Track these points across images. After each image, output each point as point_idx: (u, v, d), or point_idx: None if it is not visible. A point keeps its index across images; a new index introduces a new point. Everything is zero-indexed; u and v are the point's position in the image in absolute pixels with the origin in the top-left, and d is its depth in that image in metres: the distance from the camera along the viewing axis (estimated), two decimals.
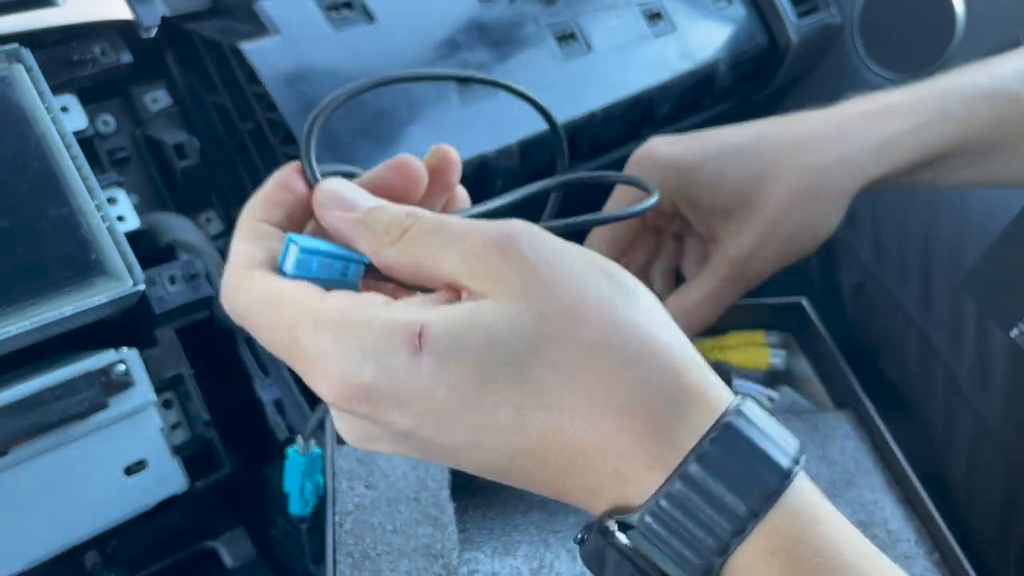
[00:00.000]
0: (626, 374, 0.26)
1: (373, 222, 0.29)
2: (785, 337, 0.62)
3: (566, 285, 0.26)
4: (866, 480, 0.52)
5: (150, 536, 0.59)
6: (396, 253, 0.28)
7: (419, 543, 0.43)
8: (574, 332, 0.26)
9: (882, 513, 0.50)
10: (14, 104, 0.52)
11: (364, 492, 0.46)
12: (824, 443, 0.54)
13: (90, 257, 0.51)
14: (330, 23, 0.64)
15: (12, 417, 0.48)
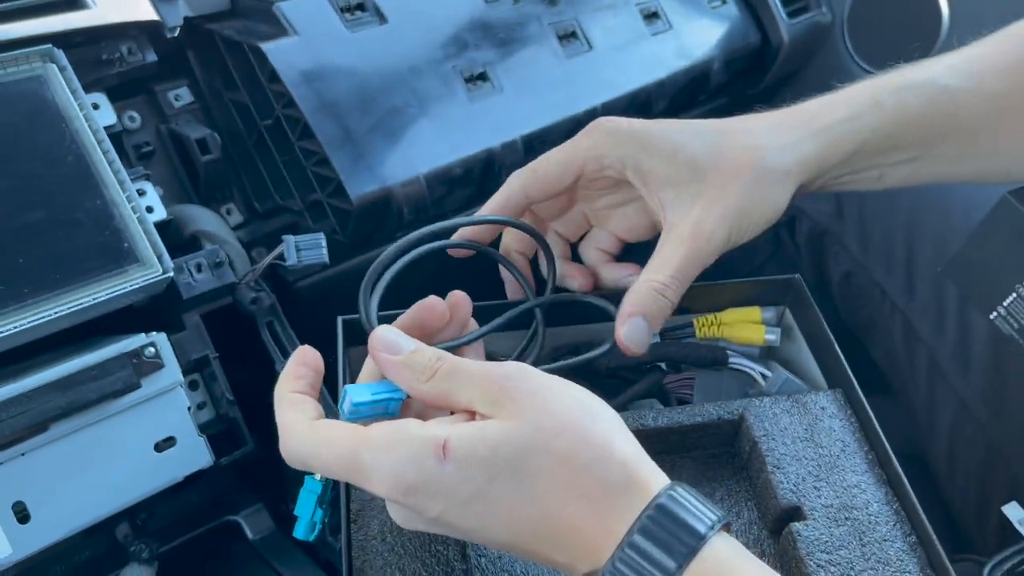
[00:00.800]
0: (591, 473, 0.36)
1: (412, 363, 0.40)
2: (781, 311, 0.64)
3: (546, 410, 0.37)
4: (850, 463, 0.53)
5: (177, 509, 0.62)
6: (427, 388, 0.39)
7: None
8: (554, 444, 0.36)
9: (864, 496, 0.52)
10: (49, 101, 0.55)
11: None
12: (811, 425, 0.55)
13: (122, 246, 0.55)
14: (345, 24, 0.67)
15: (52, 395, 0.51)
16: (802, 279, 0.62)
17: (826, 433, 0.55)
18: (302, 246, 0.60)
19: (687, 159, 0.50)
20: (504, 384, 0.37)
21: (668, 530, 0.35)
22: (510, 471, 0.36)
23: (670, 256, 0.50)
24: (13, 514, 0.50)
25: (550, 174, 0.53)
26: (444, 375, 0.39)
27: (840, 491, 0.52)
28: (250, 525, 0.66)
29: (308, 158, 0.64)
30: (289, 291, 0.67)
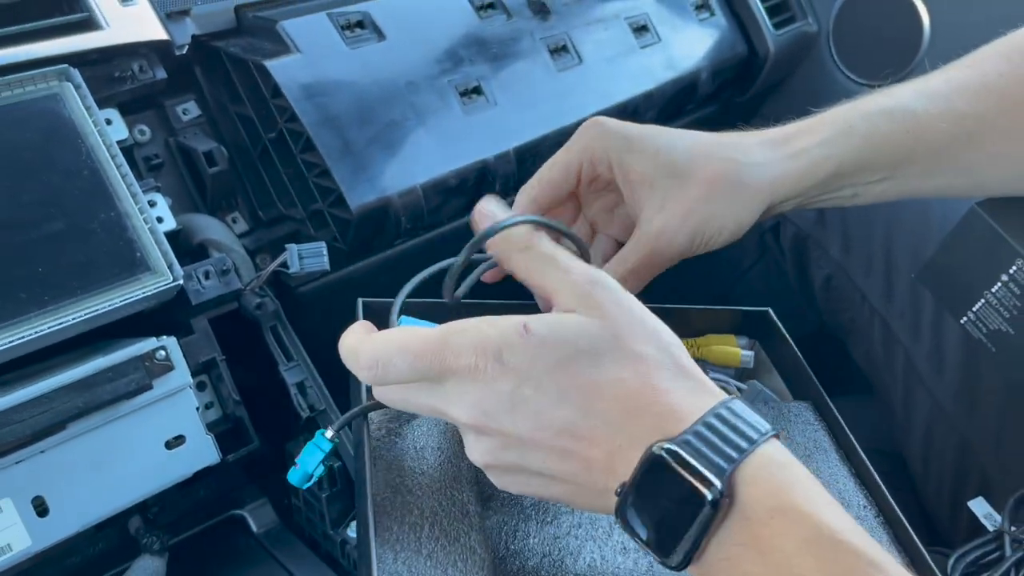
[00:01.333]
0: (665, 372, 0.39)
1: (509, 233, 0.44)
2: (753, 341, 0.68)
3: (630, 318, 0.40)
4: (823, 457, 0.57)
5: (186, 504, 0.65)
6: (519, 259, 0.44)
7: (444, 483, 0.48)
8: (633, 345, 0.39)
9: (836, 485, 0.55)
10: (66, 118, 0.58)
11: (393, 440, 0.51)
12: (788, 426, 0.59)
13: (135, 255, 0.57)
14: (345, 41, 0.70)
15: (70, 396, 0.54)
16: (772, 312, 0.65)
17: (800, 433, 0.59)
18: (304, 254, 0.63)
19: (667, 161, 0.53)
20: (592, 287, 0.41)
21: (729, 429, 0.37)
22: (589, 358, 0.38)
23: (631, 253, 0.53)
24: (33, 508, 0.53)
25: (554, 179, 0.56)
26: (538, 255, 0.43)
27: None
28: (255, 519, 0.68)
29: (310, 170, 0.67)
30: (292, 296, 0.70)
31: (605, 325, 0.39)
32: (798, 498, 0.35)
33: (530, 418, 0.39)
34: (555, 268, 0.42)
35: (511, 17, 0.80)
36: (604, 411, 0.38)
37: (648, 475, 0.36)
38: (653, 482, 0.36)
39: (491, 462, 0.41)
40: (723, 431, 0.37)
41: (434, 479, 0.50)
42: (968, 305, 0.69)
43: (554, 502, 0.46)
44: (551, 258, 0.43)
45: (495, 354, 0.38)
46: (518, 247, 0.43)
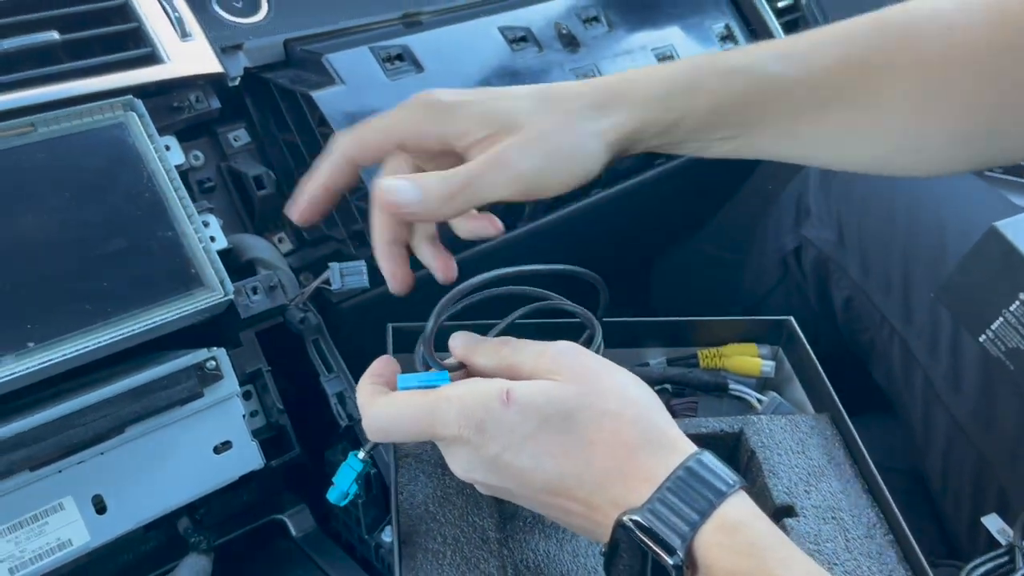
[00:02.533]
0: (635, 428, 0.42)
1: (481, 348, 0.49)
2: (775, 349, 0.70)
3: (597, 378, 0.44)
4: (836, 473, 0.59)
5: (230, 507, 0.68)
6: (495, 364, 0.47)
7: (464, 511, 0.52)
8: (602, 403, 0.43)
9: (848, 500, 0.57)
10: (130, 145, 0.62)
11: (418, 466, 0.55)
12: (803, 440, 0.61)
13: (190, 272, 0.61)
14: (386, 73, 0.74)
15: (129, 401, 0.58)
16: (794, 321, 0.67)
17: (815, 448, 0.60)
18: (346, 272, 0.66)
19: (505, 121, 0.50)
20: (559, 357, 0.45)
21: (695, 487, 0.40)
22: (562, 419, 0.42)
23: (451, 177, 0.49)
24: (92, 505, 0.57)
25: (372, 142, 0.53)
26: (509, 353, 0.47)
27: (827, 495, 0.57)
28: (294, 524, 0.71)
29: (352, 192, 0.71)
30: (333, 311, 0.73)
31: (579, 388, 0.43)
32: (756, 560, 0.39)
33: (513, 477, 0.43)
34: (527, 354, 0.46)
35: (542, 50, 0.83)
36: (578, 473, 0.42)
37: (619, 544, 0.41)
38: (623, 550, 0.41)
39: (487, 494, 0.48)
40: (690, 489, 0.40)
41: (456, 504, 0.53)
42: (987, 323, 0.70)
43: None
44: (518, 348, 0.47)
45: (478, 425, 0.42)
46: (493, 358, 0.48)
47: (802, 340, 0.66)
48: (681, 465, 0.41)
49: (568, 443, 0.42)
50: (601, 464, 0.42)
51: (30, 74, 0.62)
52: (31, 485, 0.55)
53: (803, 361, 0.66)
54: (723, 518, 0.40)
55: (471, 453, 0.44)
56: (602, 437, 0.42)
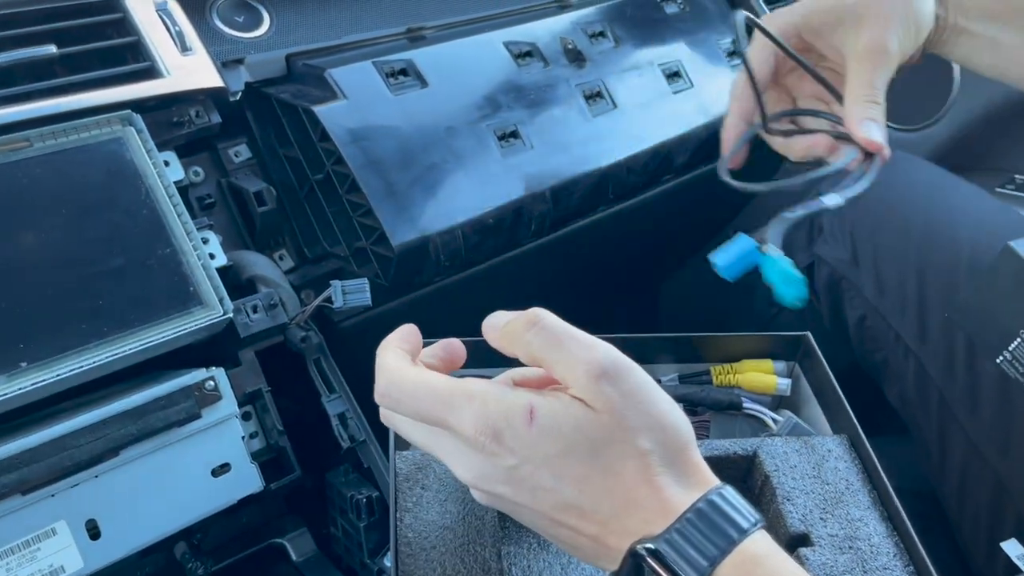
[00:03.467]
0: (667, 472, 0.40)
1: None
2: (791, 366, 0.68)
3: (636, 411, 0.40)
4: (854, 499, 0.57)
5: (229, 531, 0.67)
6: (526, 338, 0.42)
7: (466, 538, 0.51)
8: (637, 440, 0.40)
9: (866, 529, 0.55)
10: (128, 160, 0.61)
11: (420, 492, 0.54)
12: (819, 464, 0.59)
13: (188, 290, 0.60)
14: (389, 88, 0.73)
15: (124, 423, 0.56)
16: (811, 336, 0.66)
17: (832, 472, 0.58)
18: (348, 290, 0.65)
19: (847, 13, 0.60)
20: (600, 382, 0.40)
21: (716, 521, 0.38)
22: (588, 449, 0.39)
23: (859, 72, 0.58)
24: (86, 531, 0.55)
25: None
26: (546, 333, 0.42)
27: (844, 523, 0.55)
28: (295, 548, 0.70)
29: (355, 210, 0.69)
30: (335, 330, 0.72)
31: (611, 420, 0.40)
32: None
33: (527, 492, 0.40)
34: (563, 351, 0.41)
35: (548, 65, 0.83)
36: (597, 500, 0.40)
37: (629, 574, 0.38)
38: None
39: (486, 503, 0.43)
40: (709, 523, 0.38)
41: (457, 534, 0.51)
42: (1003, 344, 0.69)
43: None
44: (558, 339, 0.41)
45: (496, 434, 0.39)
46: (524, 326, 0.42)
47: (819, 357, 0.64)
48: (702, 498, 0.39)
49: (591, 471, 0.40)
50: (622, 494, 0.39)
51: (26, 88, 0.61)
52: (23, 509, 0.53)
53: (820, 379, 0.64)
54: (743, 554, 0.38)
55: (484, 460, 0.40)
56: (627, 470, 0.39)
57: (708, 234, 1.23)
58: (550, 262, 0.87)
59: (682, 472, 0.40)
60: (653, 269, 1.25)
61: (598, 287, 1.10)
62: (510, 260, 0.80)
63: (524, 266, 0.83)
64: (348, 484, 0.66)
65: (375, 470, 0.65)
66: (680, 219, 1.08)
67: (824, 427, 0.65)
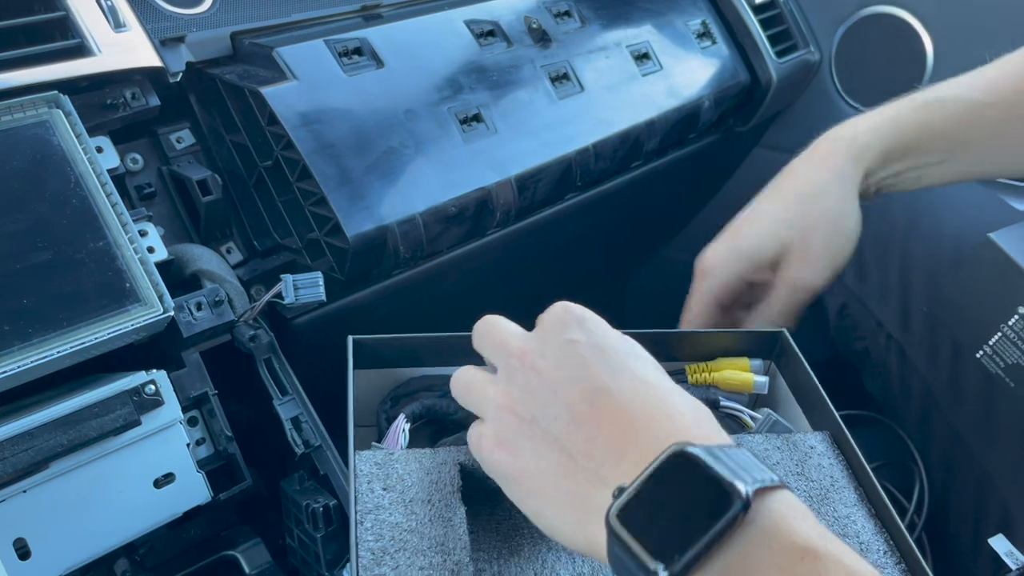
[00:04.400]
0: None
1: None
2: (767, 363, 0.66)
3: None
4: (840, 496, 0.54)
5: (175, 544, 0.63)
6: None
7: (433, 541, 0.47)
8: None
9: (855, 526, 0.52)
10: (55, 146, 0.57)
11: (382, 493, 0.50)
12: (802, 461, 0.56)
13: (125, 286, 0.56)
14: (343, 68, 0.69)
15: (53, 433, 0.52)
16: (788, 333, 0.64)
17: (815, 469, 0.56)
18: (300, 284, 0.61)
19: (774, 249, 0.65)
20: None
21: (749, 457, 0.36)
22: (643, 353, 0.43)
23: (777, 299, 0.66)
24: (14, 551, 0.51)
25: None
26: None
27: (832, 521, 0.53)
28: (247, 560, 0.66)
29: (306, 198, 0.65)
30: (287, 328, 0.68)
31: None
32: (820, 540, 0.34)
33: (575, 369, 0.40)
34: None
35: (511, 45, 0.79)
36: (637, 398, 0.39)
37: (667, 470, 0.35)
38: (672, 479, 0.34)
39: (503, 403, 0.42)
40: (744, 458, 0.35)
41: (423, 536, 0.47)
42: (984, 339, 0.67)
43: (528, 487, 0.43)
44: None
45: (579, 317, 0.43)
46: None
47: (797, 354, 0.62)
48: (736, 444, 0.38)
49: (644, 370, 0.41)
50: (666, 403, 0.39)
51: None
52: None
53: (798, 376, 0.62)
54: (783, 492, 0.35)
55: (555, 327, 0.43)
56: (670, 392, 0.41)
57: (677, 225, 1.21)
58: (516, 253, 0.83)
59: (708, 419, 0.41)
60: (622, 260, 1.23)
61: (565, 279, 1.07)
62: (473, 251, 0.76)
63: (488, 257, 0.80)
64: (303, 492, 0.62)
65: (332, 477, 0.62)
66: (649, 208, 1.06)
67: (803, 424, 0.63)
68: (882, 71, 1.02)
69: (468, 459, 0.50)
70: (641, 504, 0.34)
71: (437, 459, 0.50)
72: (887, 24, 1.01)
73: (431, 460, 0.50)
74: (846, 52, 1.04)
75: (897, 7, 1.00)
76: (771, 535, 0.33)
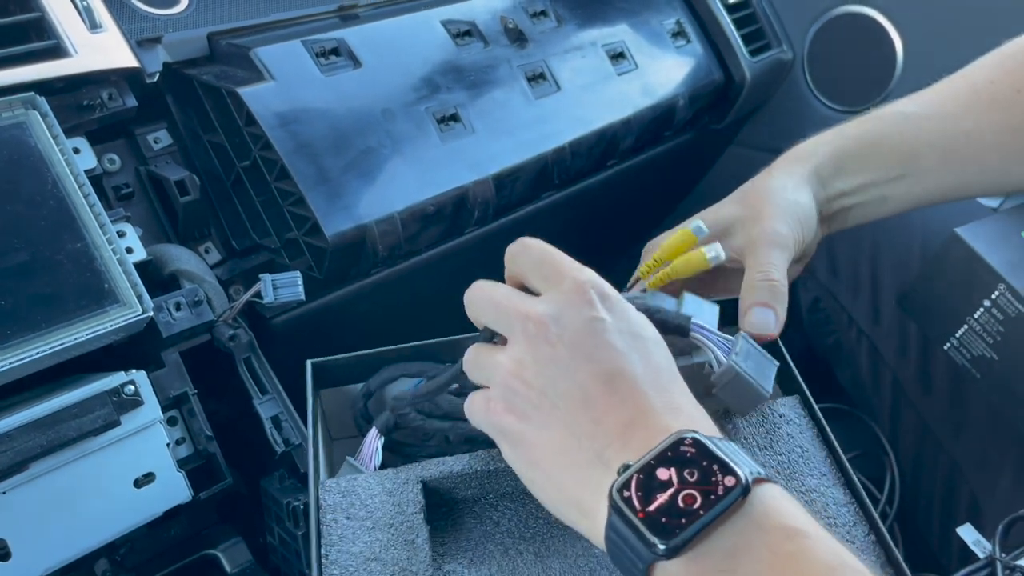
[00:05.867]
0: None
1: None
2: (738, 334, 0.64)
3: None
4: (808, 467, 0.54)
5: (156, 544, 0.63)
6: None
7: (396, 567, 0.47)
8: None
9: (823, 499, 0.53)
10: (31, 147, 0.57)
11: (346, 523, 0.50)
12: (771, 432, 0.56)
13: (103, 287, 0.56)
14: (320, 68, 0.69)
15: (32, 434, 0.52)
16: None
17: (784, 440, 0.56)
18: (279, 284, 0.61)
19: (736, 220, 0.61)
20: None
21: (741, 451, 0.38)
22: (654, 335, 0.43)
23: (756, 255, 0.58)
24: None
25: None
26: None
27: (801, 494, 0.53)
28: (228, 559, 0.66)
29: (285, 198, 0.65)
30: (266, 327, 0.69)
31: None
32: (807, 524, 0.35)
33: (591, 349, 0.41)
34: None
35: (488, 45, 0.79)
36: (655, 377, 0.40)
37: (672, 452, 0.36)
38: (675, 461, 0.36)
39: (512, 370, 0.42)
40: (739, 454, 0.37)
41: (386, 563, 0.48)
42: (951, 331, 0.68)
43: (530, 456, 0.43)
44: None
45: (600, 291, 0.43)
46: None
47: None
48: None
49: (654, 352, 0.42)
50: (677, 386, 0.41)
51: None
52: None
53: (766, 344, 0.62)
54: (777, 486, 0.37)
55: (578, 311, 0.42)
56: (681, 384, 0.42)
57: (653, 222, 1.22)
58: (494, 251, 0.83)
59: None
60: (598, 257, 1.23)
61: None
62: (452, 250, 0.77)
63: (467, 256, 0.80)
64: (284, 490, 0.63)
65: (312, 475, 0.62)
66: (625, 206, 1.06)
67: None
68: (854, 69, 1.04)
69: (429, 474, 0.51)
70: (644, 482, 0.36)
71: (399, 479, 0.50)
72: (858, 23, 1.02)
73: (393, 481, 0.50)
74: (818, 51, 1.05)
75: (868, 7, 1.01)
76: (763, 517, 0.35)
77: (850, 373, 0.83)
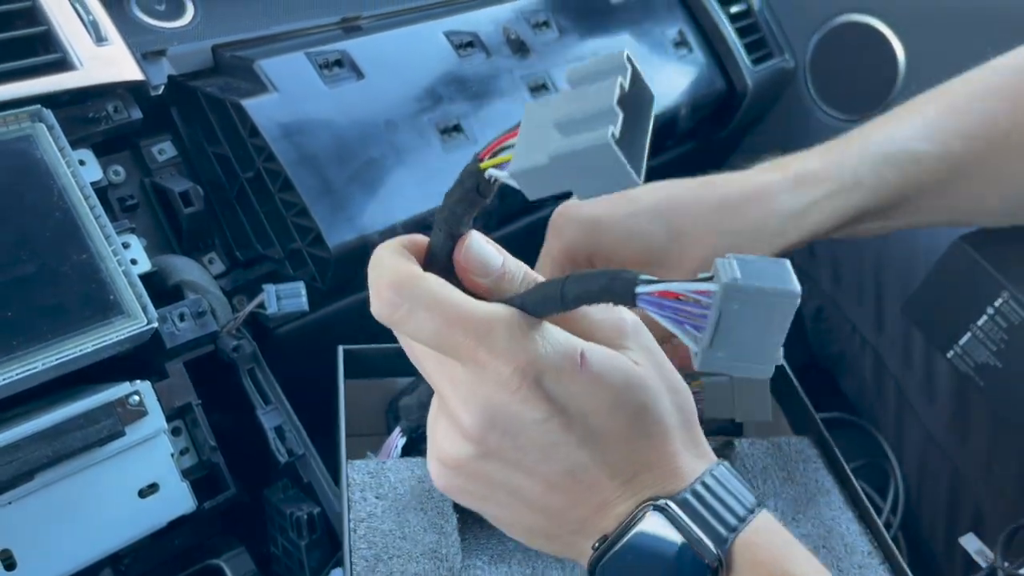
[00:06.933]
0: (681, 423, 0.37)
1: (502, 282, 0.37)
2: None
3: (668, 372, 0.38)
4: (825, 499, 0.56)
5: (160, 554, 0.63)
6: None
7: (426, 548, 0.48)
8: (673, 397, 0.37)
9: (839, 528, 0.54)
10: (38, 159, 0.57)
11: (375, 502, 0.50)
12: (787, 464, 0.58)
13: (108, 298, 0.56)
14: (323, 80, 0.69)
15: (38, 445, 0.52)
16: None
17: (801, 473, 0.57)
18: (282, 294, 0.61)
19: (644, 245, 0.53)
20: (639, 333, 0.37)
21: (732, 488, 0.36)
22: (635, 407, 0.35)
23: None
24: (0, 562, 0.51)
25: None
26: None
27: (817, 523, 0.54)
28: (232, 569, 0.66)
29: (288, 209, 0.66)
30: (270, 338, 0.69)
31: (656, 382, 0.36)
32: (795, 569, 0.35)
33: (542, 450, 0.35)
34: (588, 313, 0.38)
35: (490, 56, 0.80)
36: (618, 465, 0.36)
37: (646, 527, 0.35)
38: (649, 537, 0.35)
39: (460, 463, 0.36)
40: (726, 490, 0.36)
41: (417, 543, 0.48)
42: (954, 339, 0.68)
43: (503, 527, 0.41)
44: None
45: (536, 377, 0.33)
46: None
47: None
48: (716, 465, 0.37)
49: (631, 430, 0.35)
50: (645, 463, 0.36)
51: None
52: None
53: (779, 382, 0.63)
54: (761, 521, 0.37)
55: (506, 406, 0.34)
56: (659, 441, 0.36)
57: None
58: None
59: (693, 439, 0.38)
60: None
61: None
62: None
63: None
64: (287, 500, 0.63)
65: (316, 485, 0.62)
66: None
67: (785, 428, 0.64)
68: (856, 78, 1.04)
69: None
70: (620, 557, 0.35)
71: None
72: (860, 32, 1.03)
73: (424, 469, 0.51)
74: (821, 60, 1.06)
75: (870, 16, 1.02)
76: (754, 568, 0.35)
77: (854, 382, 0.83)
